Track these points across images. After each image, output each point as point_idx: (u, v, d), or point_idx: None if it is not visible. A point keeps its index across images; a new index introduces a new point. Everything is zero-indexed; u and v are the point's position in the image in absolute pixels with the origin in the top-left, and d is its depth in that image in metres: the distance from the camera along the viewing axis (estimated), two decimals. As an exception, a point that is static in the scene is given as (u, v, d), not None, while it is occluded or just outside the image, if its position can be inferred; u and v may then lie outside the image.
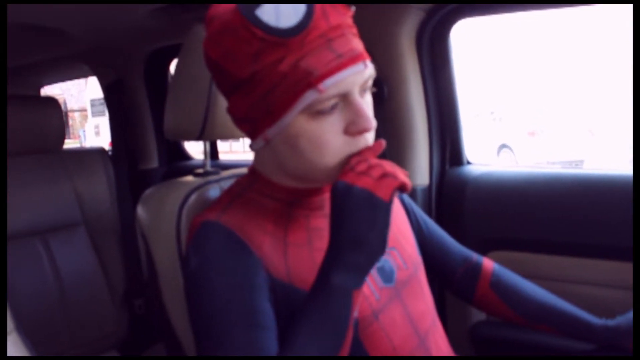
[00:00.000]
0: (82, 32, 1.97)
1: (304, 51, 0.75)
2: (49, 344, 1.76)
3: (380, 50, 1.51)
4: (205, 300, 0.81)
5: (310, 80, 0.75)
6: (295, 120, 0.79)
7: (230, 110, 0.86)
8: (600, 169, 1.44)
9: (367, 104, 0.83)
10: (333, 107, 0.79)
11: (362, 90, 0.82)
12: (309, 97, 0.76)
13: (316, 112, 0.78)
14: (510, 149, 10.28)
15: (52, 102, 1.93)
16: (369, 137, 0.84)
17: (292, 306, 0.83)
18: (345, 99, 0.79)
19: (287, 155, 0.84)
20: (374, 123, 0.81)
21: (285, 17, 0.74)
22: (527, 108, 11.35)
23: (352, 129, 0.80)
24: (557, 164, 9.11)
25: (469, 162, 1.68)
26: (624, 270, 1.32)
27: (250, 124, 0.84)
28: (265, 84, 0.77)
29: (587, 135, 10.05)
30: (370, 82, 0.83)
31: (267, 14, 0.75)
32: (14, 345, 0.99)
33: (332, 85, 0.76)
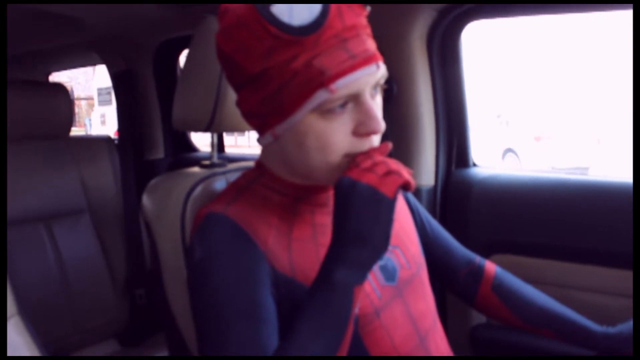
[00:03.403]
0: (94, 21, 1.97)
1: (318, 50, 0.75)
2: (49, 329, 1.76)
3: (391, 49, 1.51)
4: (208, 291, 0.81)
5: (322, 80, 0.75)
6: (305, 118, 0.79)
7: (239, 104, 0.86)
8: (605, 176, 1.44)
9: (377, 105, 0.83)
10: (343, 107, 0.79)
11: (373, 91, 0.82)
12: (320, 96, 0.76)
13: (326, 111, 0.78)
14: (515, 153, 10.28)
15: (60, 88, 1.94)
16: (375, 140, 0.84)
17: (294, 301, 0.83)
18: (355, 99, 0.79)
19: (294, 152, 0.84)
20: (382, 125, 0.81)
21: (300, 15, 0.74)
22: (535, 113, 11.33)
23: (361, 130, 0.80)
24: (562, 171, 9.09)
25: (475, 164, 1.68)
26: (627, 278, 1.32)
27: (259, 119, 0.84)
28: (276, 80, 0.77)
29: (594, 143, 10.04)
30: (381, 83, 0.83)
31: (283, 11, 0.74)
32: (15, 329, 1.00)
33: (344, 86, 0.76)
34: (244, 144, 14.61)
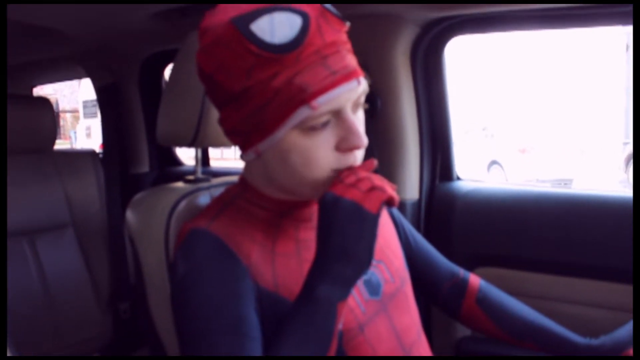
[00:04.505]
0: (79, 34, 1.97)
1: (298, 67, 0.75)
2: (32, 344, 1.74)
3: (374, 64, 1.52)
4: (192, 307, 0.80)
5: (304, 97, 0.75)
6: (287, 135, 0.79)
7: (221, 122, 0.86)
8: (589, 189, 1.45)
9: (359, 120, 0.84)
10: (325, 124, 0.79)
11: (355, 107, 0.83)
12: (302, 113, 0.76)
13: (308, 128, 0.78)
14: (500, 165, 10.34)
15: (44, 102, 1.93)
16: (359, 154, 0.85)
17: (278, 316, 0.83)
18: (337, 115, 0.80)
19: (277, 169, 0.84)
20: (365, 140, 0.81)
21: (280, 33, 0.74)
22: (519, 125, 11.43)
23: (343, 146, 0.80)
24: (546, 182, 9.17)
25: (459, 178, 1.69)
26: (609, 290, 1.33)
27: (241, 137, 0.84)
28: (258, 99, 0.77)
29: (578, 155, 10.15)
30: (362, 99, 0.84)
31: (262, 29, 0.74)
32: None
33: (325, 102, 0.76)
34: (230, 157, 14.56)
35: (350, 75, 0.78)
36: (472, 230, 1.52)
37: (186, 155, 2.63)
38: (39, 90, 3.51)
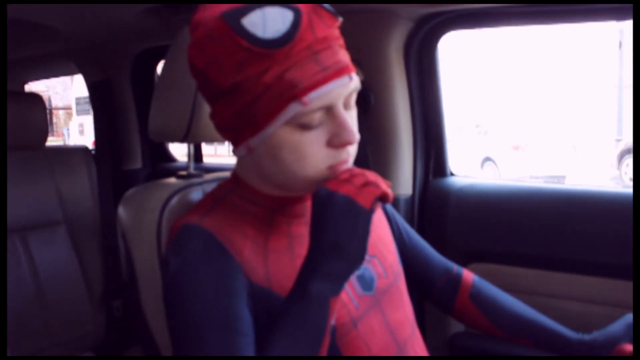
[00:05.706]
0: (72, 30, 1.96)
1: (289, 63, 0.75)
2: (24, 342, 1.73)
3: (367, 59, 1.52)
4: (184, 303, 0.80)
5: (295, 93, 0.75)
6: (279, 131, 0.78)
7: (213, 118, 0.86)
8: (581, 185, 1.45)
9: (351, 116, 0.84)
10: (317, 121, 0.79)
11: (347, 103, 0.82)
12: (293, 109, 0.76)
13: (300, 125, 0.78)
14: (494, 162, 10.39)
15: (36, 98, 1.92)
16: (351, 150, 0.84)
17: (271, 312, 0.82)
18: (329, 111, 0.79)
19: (268, 165, 0.84)
20: (357, 136, 0.81)
21: (271, 27, 0.74)
22: (512, 122, 11.48)
23: (335, 142, 0.80)
24: (539, 179, 9.21)
25: (452, 174, 1.69)
26: (603, 285, 1.34)
27: (233, 133, 0.84)
28: (249, 94, 0.77)
29: (570, 151, 10.21)
30: (354, 95, 0.83)
31: (253, 24, 0.74)
32: None
33: (317, 98, 0.76)
34: (224, 153, 14.55)
35: (342, 71, 0.78)
36: (465, 226, 1.53)
37: (181, 153, 2.62)
38: (32, 87, 3.49)
